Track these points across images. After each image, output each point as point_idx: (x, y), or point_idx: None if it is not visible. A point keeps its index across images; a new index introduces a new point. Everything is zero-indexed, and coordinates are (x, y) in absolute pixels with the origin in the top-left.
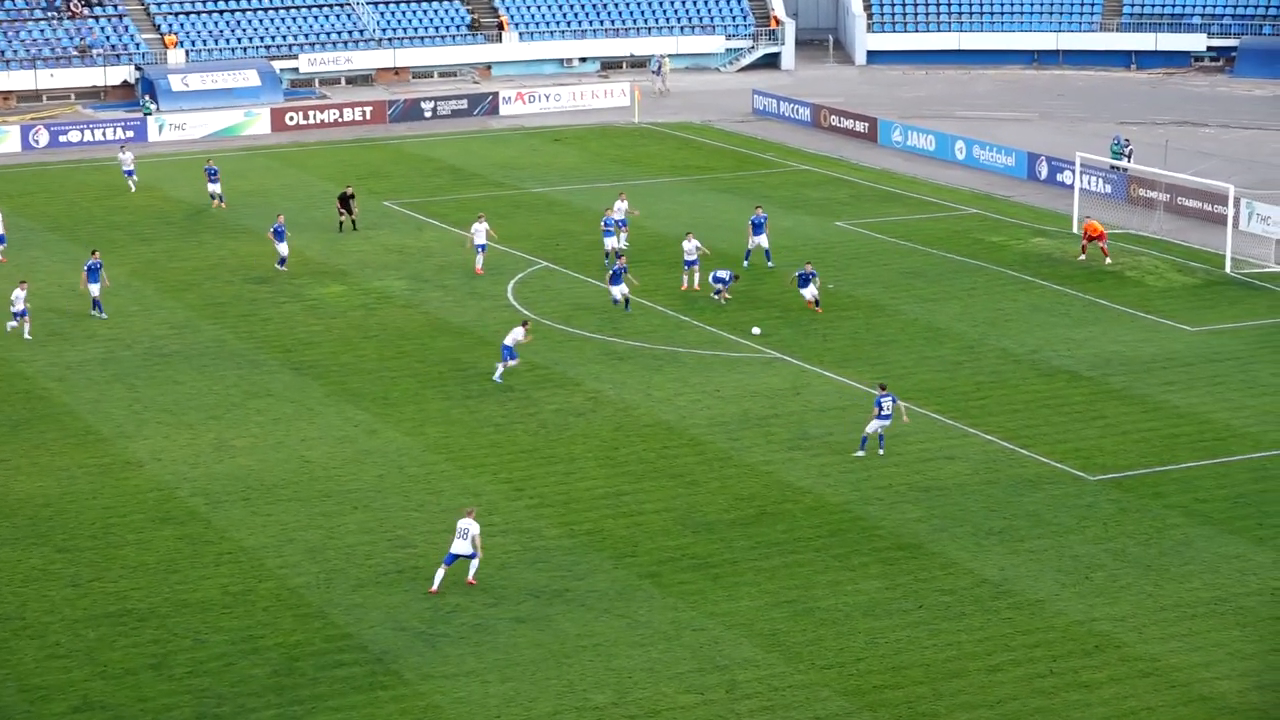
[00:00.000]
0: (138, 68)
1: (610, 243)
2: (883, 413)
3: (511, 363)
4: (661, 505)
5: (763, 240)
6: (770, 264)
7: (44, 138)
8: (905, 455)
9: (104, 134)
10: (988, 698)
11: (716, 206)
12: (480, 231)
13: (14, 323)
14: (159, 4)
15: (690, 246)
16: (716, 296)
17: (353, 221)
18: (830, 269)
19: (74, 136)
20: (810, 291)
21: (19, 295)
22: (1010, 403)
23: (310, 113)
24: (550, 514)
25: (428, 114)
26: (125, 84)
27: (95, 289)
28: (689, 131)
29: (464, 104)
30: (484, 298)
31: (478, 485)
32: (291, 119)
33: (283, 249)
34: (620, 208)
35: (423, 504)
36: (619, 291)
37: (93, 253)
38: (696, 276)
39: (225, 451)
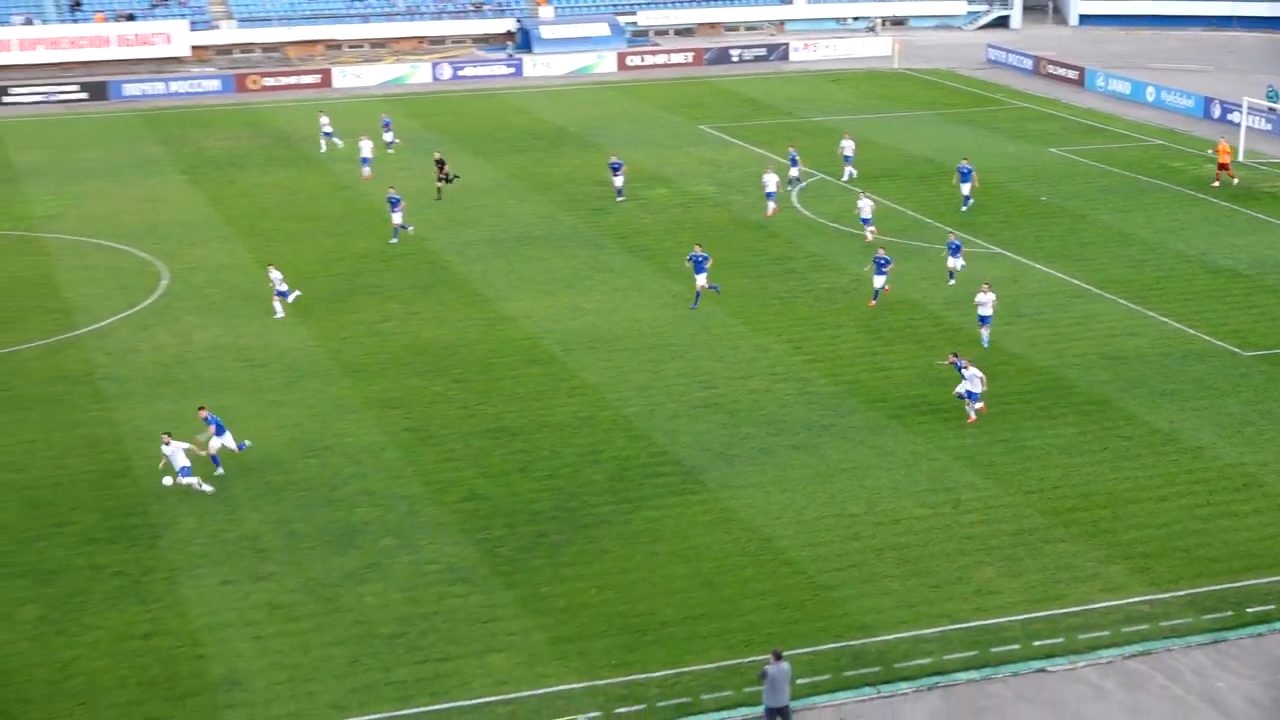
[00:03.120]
0: (517, 20)
1: (794, 171)
2: (968, 372)
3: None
4: (906, 363)
5: (966, 189)
6: (964, 207)
7: (446, 72)
8: (1098, 331)
9: (491, 70)
10: (1155, 520)
11: (956, 134)
12: (771, 181)
13: (280, 306)
14: None
15: (865, 204)
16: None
17: (439, 189)
18: (1045, 184)
19: (468, 72)
20: (957, 262)
21: (277, 276)
22: (1183, 293)
23: (646, 56)
24: (820, 367)
25: (735, 59)
26: (508, 32)
27: (398, 218)
28: (937, 76)
29: (763, 51)
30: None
31: (766, 344)
32: (632, 61)
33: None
34: (848, 145)
35: (724, 356)
36: (956, 263)
37: (390, 187)
38: (871, 230)
39: (577, 312)
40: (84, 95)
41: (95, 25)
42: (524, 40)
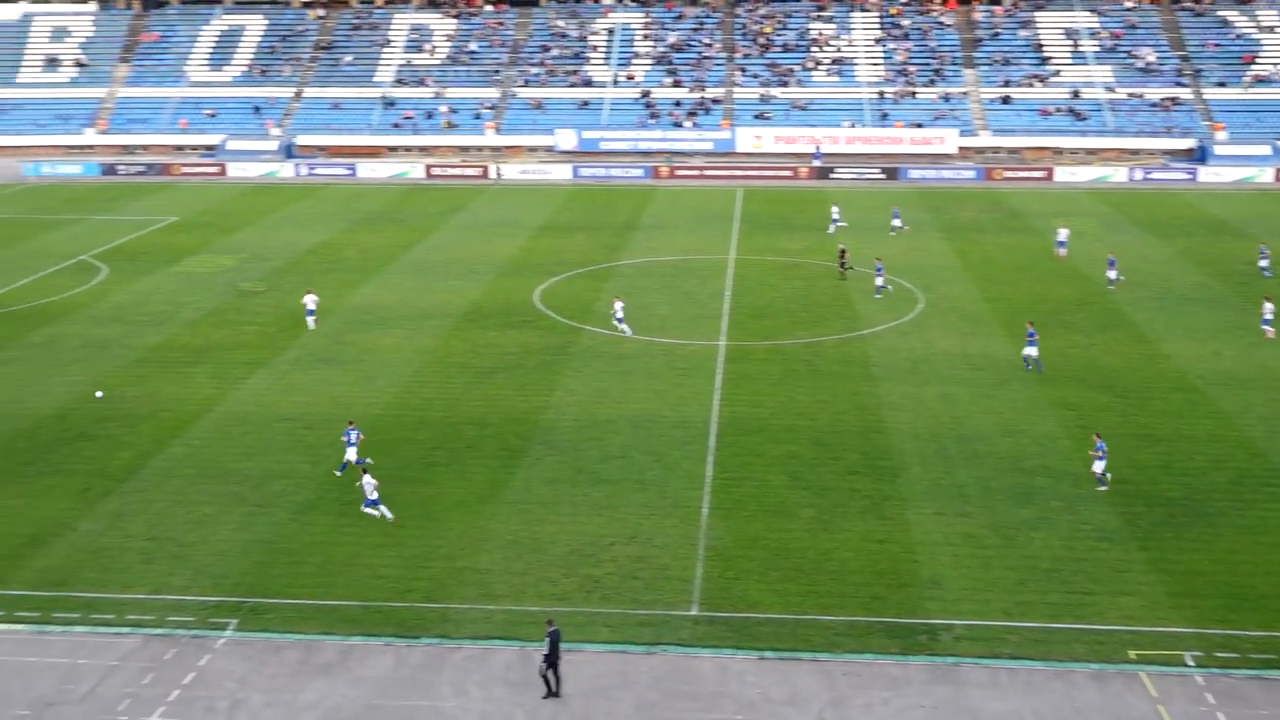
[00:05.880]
0: (1198, 140)
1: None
2: (1100, 453)
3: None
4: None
5: (1112, 273)
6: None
7: (1139, 175)
8: None
9: (1172, 175)
10: None
11: None
12: (1113, 274)
13: (625, 327)
14: (1216, 107)
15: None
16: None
17: (843, 274)
18: None
19: (1155, 175)
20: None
21: (619, 305)
22: None
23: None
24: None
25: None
26: (1189, 149)
27: (880, 279)
28: None
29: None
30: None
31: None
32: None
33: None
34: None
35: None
36: None
37: (877, 258)
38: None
39: (1219, 357)
40: (882, 176)
41: (895, 130)
42: (1201, 154)
